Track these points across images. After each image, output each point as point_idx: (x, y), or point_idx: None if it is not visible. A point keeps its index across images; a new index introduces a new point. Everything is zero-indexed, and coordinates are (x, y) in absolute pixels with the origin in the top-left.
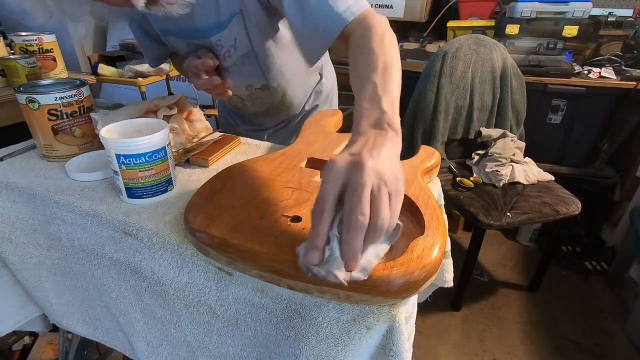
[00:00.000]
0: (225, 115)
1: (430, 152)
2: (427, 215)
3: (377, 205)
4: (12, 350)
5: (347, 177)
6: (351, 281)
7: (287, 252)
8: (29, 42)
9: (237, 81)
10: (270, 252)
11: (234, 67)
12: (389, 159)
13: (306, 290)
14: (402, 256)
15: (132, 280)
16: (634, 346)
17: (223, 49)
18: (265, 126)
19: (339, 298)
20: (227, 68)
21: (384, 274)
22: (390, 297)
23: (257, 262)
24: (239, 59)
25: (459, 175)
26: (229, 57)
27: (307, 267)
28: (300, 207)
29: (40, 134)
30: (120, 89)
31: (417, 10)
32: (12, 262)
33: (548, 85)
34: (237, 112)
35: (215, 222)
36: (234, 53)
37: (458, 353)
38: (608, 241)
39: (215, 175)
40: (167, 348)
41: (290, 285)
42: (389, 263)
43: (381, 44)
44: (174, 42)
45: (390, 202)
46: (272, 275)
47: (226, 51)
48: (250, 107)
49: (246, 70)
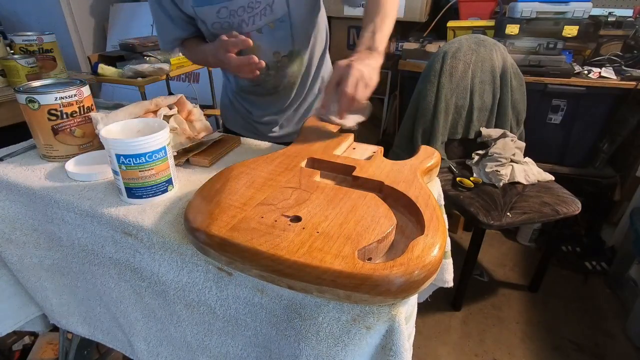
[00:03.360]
0: (233, 109)
1: (430, 152)
2: (427, 215)
3: (356, 87)
4: (12, 350)
5: (343, 71)
6: (339, 123)
7: (287, 252)
8: (29, 42)
9: (266, 48)
10: (269, 252)
11: (267, 28)
12: (368, 67)
13: (306, 290)
14: (402, 256)
15: (132, 280)
16: (634, 346)
17: (260, 6)
18: (277, 107)
19: (339, 298)
20: (260, 29)
21: (384, 273)
22: (390, 296)
23: (257, 262)
24: (273, 23)
25: (459, 175)
26: (264, 15)
27: (318, 114)
28: (300, 207)
29: (40, 134)
30: (120, 89)
31: (417, 10)
32: (12, 262)
33: (548, 85)
34: (250, 99)
35: (215, 221)
36: (269, 13)
37: (458, 353)
38: (608, 241)
39: (216, 175)
40: (167, 348)
41: (290, 285)
42: (388, 263)
43: (386, 1)
44: (206, 13)
45: (365, 88)
46: (272, 275)
47: (262, 9)
48: (273, 78)
49: (278, 35)
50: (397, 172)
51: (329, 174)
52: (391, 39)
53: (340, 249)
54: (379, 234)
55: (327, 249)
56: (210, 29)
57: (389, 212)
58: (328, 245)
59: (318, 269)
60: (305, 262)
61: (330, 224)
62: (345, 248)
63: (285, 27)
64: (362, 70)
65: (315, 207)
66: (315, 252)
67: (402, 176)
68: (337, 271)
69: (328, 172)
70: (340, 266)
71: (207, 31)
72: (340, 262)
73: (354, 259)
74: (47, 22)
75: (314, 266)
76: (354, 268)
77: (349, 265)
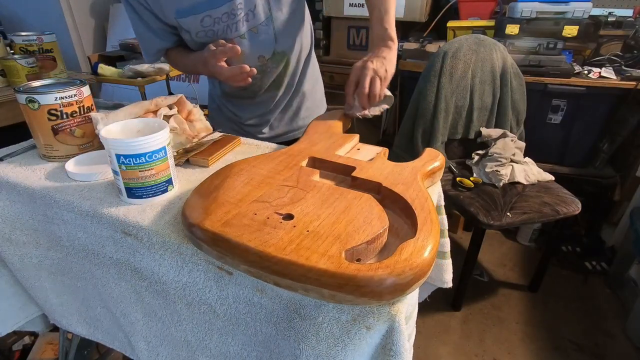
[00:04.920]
0: (220, 113)
1: (434, 155)
2: (421, 218)
3: (373, 85)
4: (12, 350)
5: (360, 72)
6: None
7: (275, 249)
8: (29, 42)
9: (250, 53)
10: (257, 249)
11: (250, 33)
12: (383, 60)
13: (291, 288)
14: (389, 258)
15: (132, 280)
16: (634, 346)
17: (242, 13)
18: (264, 109)
19: (324, 297)
20: (244, 34)
21: (368, 274)
22: (376, 298)
23: (245, 257)
24: (256, 27)
25: (459, 175)
26: (247, 21)
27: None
28: (294, 206)
29: (40, 134)
30: (120, 89)
31: (417, 10)
32: (12, 262)
33: (548, 85)
34: (235, 102)
35: (210, 217)
36: (252, 18)
37: (458, 353)
38: (608, 241)
39: (216, 172)
40: (167, 348)
41: (276, 282)
42: (374, 264)
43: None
44: (190, 23)
45: (381, 84)
46: (259, 272)
47: (245, 14)
48: (259, 81)
49: (262, 39)
50: (397, 174)
51: (328, 173)
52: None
53: (327, 248)
54: (369, 235)
55: (315, 247)
56: (195, 38)
57: (382, 214)
58: (316, 244)
59: (303, 267)
60: (291, 259)
61: (322, 223)
62: (333, 248)
63: (268, 31)
64: (376, 69)
65: (309, 206)
66: (302, 251)
67: (401, 178)
68: (322, 270)
69: (328, 172)
70: (325, 265)
71: (192, 40)
72: (326, 261)
73: (339, 258)
74: (47, 22)
75: (299, 264)
76: (338, 268)
77: (334, 264)
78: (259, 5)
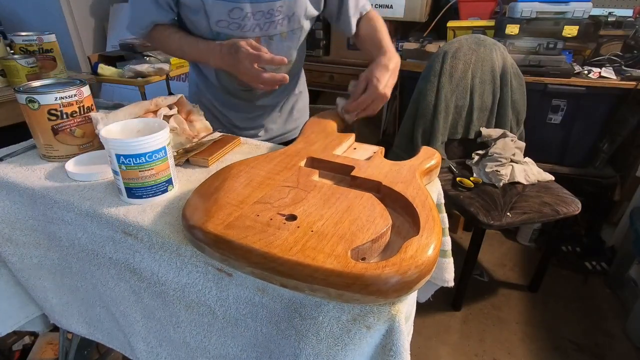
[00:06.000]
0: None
1: (430, 153)
2: (423, 216)
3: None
4: (12, 350)
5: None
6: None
7: (281, 250)
8: (29, 42)
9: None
10: (262, 250)
11: (278, 37)
12: (386, 74)
13: (298, 288)
14: (395, 256)
15: (132, 280)
16: (634, 346)
17: (279, 16)
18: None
19: (331, 297)
20: (273, 36)
21: (376, 273)
22: (382, 296)
23: (250, 259)
24: (287, 33)
25: (459, 175)
26: (281, 25)
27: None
28: (296, 206)
29: (40, 134)
30: (120, 89)
31: (417, 10)
32: (12, 262)
33: (548, 85)
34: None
35: (211, 219)
36: (286, 23)
37: (458, 353)
38: (608, 241)
39: (215, 173)
40: (166, 349)
41: (282, 283)
42: (381, 262)
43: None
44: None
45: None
46: (264, 273)
47: (281, 19)
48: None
49: (286, 45)
50: (396, 172)
51: (327, 173)
52: (391, 38)
53: (333, 248)
54: (374, 234)
55: (321, 247)
56: (212, 25)
57: (384, 212)
58: (321, 244)
59: (310, 268)
60: (297, 260)
61: (325, 223)
62: (339, 247)
63: (295, 39)
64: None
65: (311, 206)
66: (308, 251)
67: (400, 177)
68: (329, 270)
69: (327, 171)
70: (332, 265)
71: (204, 26)
72: (333, 261)
73: (346, 258)
74: (47, 22)
75: (306, 264)
76: (345, 267)
77: (341, 264)
78: (297, 14)
